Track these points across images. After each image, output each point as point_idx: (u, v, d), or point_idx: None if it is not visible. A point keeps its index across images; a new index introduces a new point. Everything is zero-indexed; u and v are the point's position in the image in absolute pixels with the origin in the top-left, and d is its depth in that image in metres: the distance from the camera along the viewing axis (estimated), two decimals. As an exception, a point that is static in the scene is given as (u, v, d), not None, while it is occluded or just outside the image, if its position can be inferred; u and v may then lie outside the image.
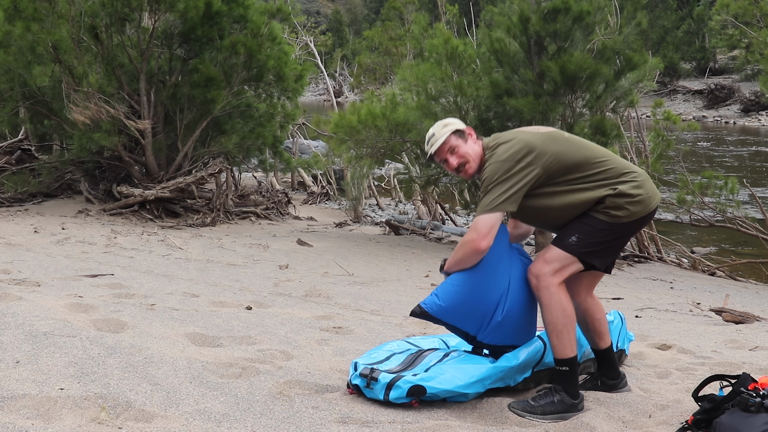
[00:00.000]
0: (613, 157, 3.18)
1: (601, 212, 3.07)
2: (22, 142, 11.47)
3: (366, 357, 3.26)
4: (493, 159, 3.07)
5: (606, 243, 3.12)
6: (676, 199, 10.27)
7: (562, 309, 3.06)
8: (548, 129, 3.24)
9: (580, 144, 3.18)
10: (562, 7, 9.01)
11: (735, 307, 6.33)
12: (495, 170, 3.03)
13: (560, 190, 3.09)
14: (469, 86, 9.44)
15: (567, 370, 3.10)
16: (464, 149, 3.18)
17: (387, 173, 17.12)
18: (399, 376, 2.99)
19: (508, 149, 3.06)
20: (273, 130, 11.34)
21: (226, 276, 6.46)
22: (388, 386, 2.96)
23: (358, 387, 3.06)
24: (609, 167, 3.11)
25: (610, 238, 3.11)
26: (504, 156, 3.04)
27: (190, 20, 10.10)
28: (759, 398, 2.65)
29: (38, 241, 7.67)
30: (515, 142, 3.08)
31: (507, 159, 3.03)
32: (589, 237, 3.08)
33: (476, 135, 3.25)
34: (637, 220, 3.11)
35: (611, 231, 3.09)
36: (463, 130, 3.22)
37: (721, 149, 25.90)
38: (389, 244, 9.86)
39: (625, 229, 3.12)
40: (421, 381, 2.97)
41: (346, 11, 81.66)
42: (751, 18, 11.47)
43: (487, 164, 3.08)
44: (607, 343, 3.37)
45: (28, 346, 3.28)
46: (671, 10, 50.56)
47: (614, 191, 3.06)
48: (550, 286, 3.06)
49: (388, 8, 31.28)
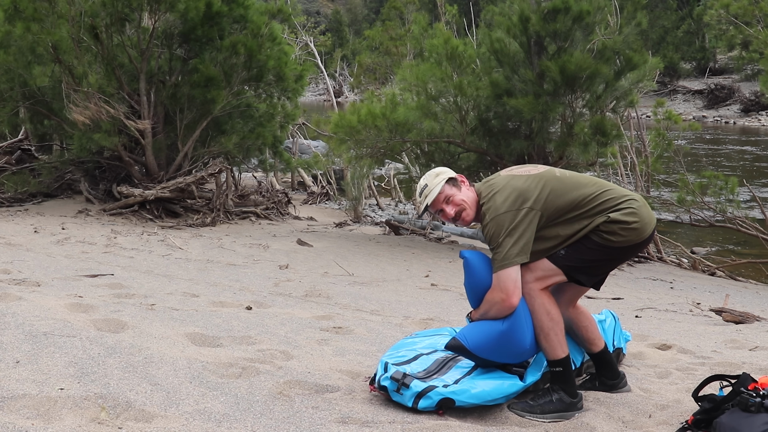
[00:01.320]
0: (610, 188, 3.15)
1: (595, 233, 3.06)
2: (22, 142, 11.48)
3: (393, 355, 3.23)
4: (492, 212, 3.04)
5: (594, 262, 3.11)
6: (676, 199, 10.27)
7: (547, 312, 3.07)
8: (539, 169, 3.20)
9: (573, 182, 3.14)
10: (562, 7, 9.01)
11: (735, 307, 6.33)
12: (499, 224, 3.01)
13: (556, 226, 3.08)
14: (469, 86, 9.44)
15: (561, 370, 3.11)
16: (459, 197, 3.16)
17: (387, 173, 17.12)
18: (431, 387, 2.97)
19: (504, 199, 3.03)
20: (273, 130, 11.34)
21: (226, 276, 6.46)
22: (419, 395, 2.96)
23: (385, 389, 3.02)
24: (604, 199, 3.09)
25: (599, 258, 3.10)
26: (503, 208, 3.02)
27: (190, 20, 10.10)
28: (759, 398, 2.65)
29: (38, 241, 7.67)
30: (510, 191, 3.05)
31: (507, 210, 3.01)
32: (578, 253, 3.08)
33: (468, 182, 3.23)
34: (630, 246, 3.09)
35: (602, 252, 3.08)
36: (455, 177, 3.21)
37: (721, 149, 25.89)
38: (389, 244, 9.86)
39: (616, 252, 3.11)
40: (451, 394, 2.96)
41: (346, 11, 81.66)
42: (750, 18, 11.47)
43: (487, 217, 3.05)
44: (600, 346, 3.38)
45: (28, 346, 3.28)
46: (671, 10, 50.55)
47: (608, 219, 3.04)
48: (531, 291, 3.07)
49: (389, 8, 31.30)
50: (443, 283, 7.07)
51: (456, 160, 10.20)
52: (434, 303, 5.94)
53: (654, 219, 3.17)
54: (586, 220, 3.07)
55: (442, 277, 7.44)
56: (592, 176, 3.31)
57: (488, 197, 3.10)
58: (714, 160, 21.77)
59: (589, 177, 3.25)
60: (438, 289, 6.76)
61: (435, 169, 3.28)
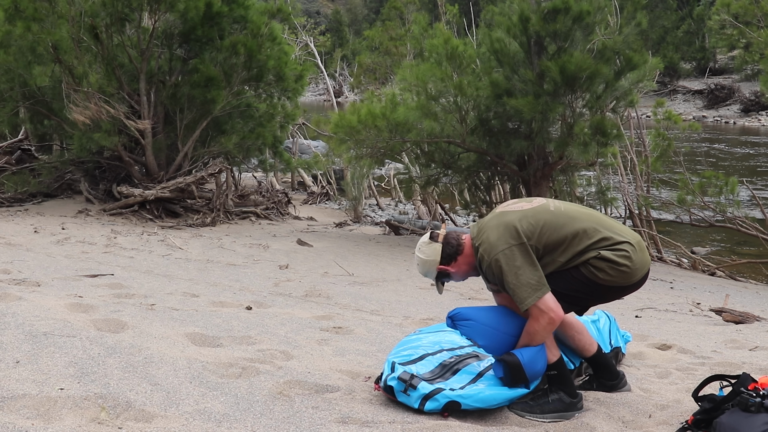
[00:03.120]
0: (607, 225, 3.08)
1: (584, 265, 3.01)
2: (22, 142, 11.48)
3: (399, 354, 3.21)
4: (489, 251, 2.99)
5: (576, 293, 3.05)
6: (676, 199, 10.28)
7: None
8: (532, 204, 3.14)
9: (568, 216, 3.07)
10: (562, 7, 9.01)
11: (735, 307, 6.33)
12: (506, 259, 2.95)
13: (551, 254, 3.03)
14: (469, 86, 9.44)
15: (556, 374, 3.11)
16: (455, 279, 3.23)
17: (387, 173, 17.12)
18: (438, 389, 2.96)
19: (499, 237, 2.99)
20: (273, 130, 11.35)
21: (226, 276, 6.46)
22: (426, 397, 2.95)
23: (391, 389, 3.01)
24: (599, 237, 3.01)
25: (581, 290, 3.04)
26: (501, 245, 2.96)
27: (190, 20, 10.11)
28: (759, 398, 2.65)
29: (38, 241, 7.67)
30: (504, 228, 3.01)
31: (508, 245, 2.96)
32: (562, 280, 3.03)
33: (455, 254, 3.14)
34: (615, 287, 3.04)
35: (585, 285, 3.03)
36: (441, 272, 3.18)
37: (721, 149, 25.89)
38: (389, 244, 9.85)
39: (599, 290, 3.04)
40: (458, 398, 2.96)
41: (346, 11, 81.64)
42: (751, 18, 11.46)
43: (486, 257, 3.00)
44: (592, 350, 3.36)
45: (28, 346, 3.28)
46: (671, 10, 50.57)
47: (598, 255, 2.99)
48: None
49: (389, 8, 31.29)
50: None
51: (456, 160, 10.20)
52: (434, 303, 5.94)
53: (647, 264, 3.09)
54: (579, 256, 3.01)
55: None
56: (588, 209, 3.23)
57: (481, 239, 3.05)
58: (714, 160, 21.76)
59: (586, 210, 3.17)
60: (438, 289, 6.75)
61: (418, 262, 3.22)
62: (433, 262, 3.18)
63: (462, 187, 12.17)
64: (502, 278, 2.97)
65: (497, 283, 3.05)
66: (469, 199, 11.83)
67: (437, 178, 10.69)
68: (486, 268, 3.03)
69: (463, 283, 7.12)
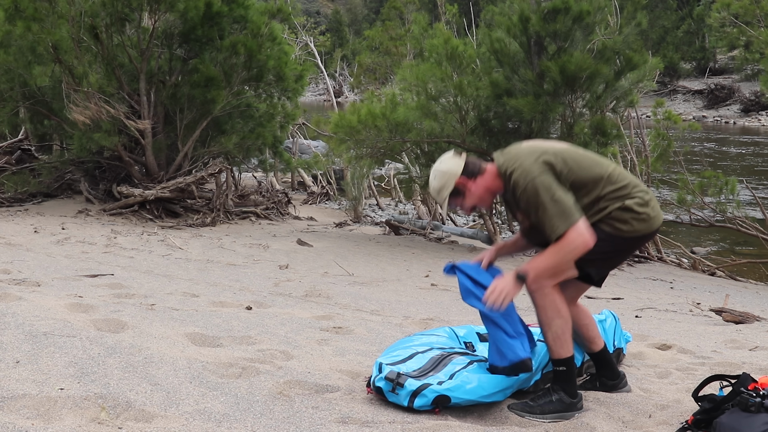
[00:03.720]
0: (626, 174, 3.17)
1: (605, 222, 3.05)
2: (22, 142, 11.48)
3: (388, 356, 3.21)
4: (525, 176, 2.97)
5: (604, 254, 3.09)
6: (676, 199, 10.27)
7: (557, 310, 3.05)
8: (560, 143, 3.21)
9: (594, 158, 3.15)
10: (562, 7, 9.01)
11: (735, 307, 6.33)
12: (544, 184, 2.95)
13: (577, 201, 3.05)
14: (469, 86, 9.44)
15: (564, 370, 3.10)
16: (467, 203, 3.15)
17: (387, 173, 17.12)
18: (425, 384, 2.96)
19: (534, 161, 2.99)
20: (273, 130, 11.34)
21: (226, 276, 6.46)
22: (414, 394, 2.94)
23: (380, 390, 3.01)
24: (623, 184, 3.07)
25: (609, 249, 3.08)
26: (536, 169, 2.96)
27: (190, 20, 10.11)
28: (759, 398, 2.65)
29: (38, 241, 7.67)
30: (539, 154, 3.03)
31: (541, 171, 2.97)
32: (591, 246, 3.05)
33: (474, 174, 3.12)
34: (637, 237, 3.08)
35: (612, 242, 3.06)
36: (458, 187, 3.11)
37: (721, 149, 25.89)
38: (389, 244, 9.86)
39: (625, 243, 3.09)
40: (446, 391, 2.95)
41: (346, 11, 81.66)
42: (751, 17, 11.46)
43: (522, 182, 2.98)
44: (599, 346, 3.37)
45: (28, 346, 3.28)
46: (671, 10, 50.56)
47: (621, 205, 3.04)
48: (544, 288, 3.04)
49: (389, 8, 31.31)
50: (443, 283, 7.07)
51: (456, 160, 10.19)
52: (434, 303, 5.94)
53: (661, 214, 3.18)
54: (603, 202, 3.05)
55: (442, 277, 7.44)
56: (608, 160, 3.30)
57: (513, 165, 3.04)
58: (714, 160, 21.76)
59: (605, 159, 3.23)
60: (438, 289, 6.76)
61: (435, 173, 3.15)
62: (454, 174, 3.10)
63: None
64: (537, 203, 2.95)
65: (527, 210, 3.02)
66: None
67: (437, 178, 10.67)
68: (521, 193, 2.99)
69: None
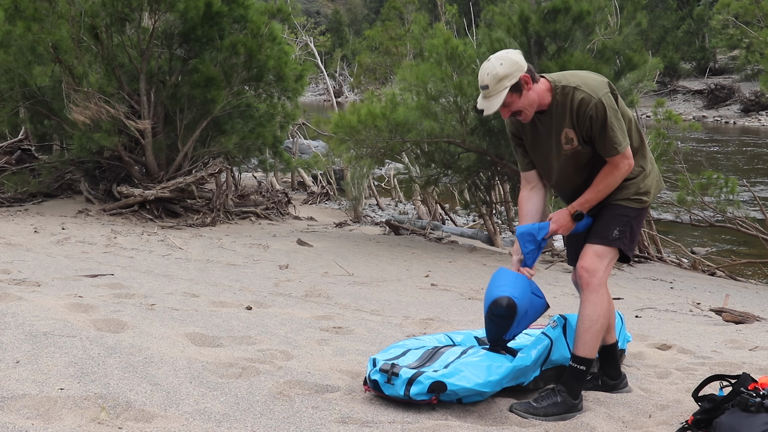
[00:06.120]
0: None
1: (632, 200, 3.13)
2: (22, 142, 11.47)
3: (382, 353, 3.24)
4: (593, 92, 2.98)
5: (636, 231, 3.19)
6: (676, 199, 10.27)
7: (607, 309, 3.09)
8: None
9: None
10: (562, 7, 9.01)
11: (735, 307, 6.32)
12: (609, 103, 2.99)
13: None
14: (469, 86, 9.43)
15: (583, 370, 3.10)
16: (519, 104, 3.03)
17: (387, 173, 17.13)
18: (420, 371, 2.96)
19: (599, 84, 3.03)
20: (273, 130, 11.34)
21: (226, 276, 6.46)
22: (409, 381, 2.93)
23: (376, 383, 3.01)
24: (646, 148, 3.22)
25: (636, 225, 3.19)
26: (602, 90, 3.00)
27: (190, 20, 10.10)
28: (759, 398, 2.65)
29: (38, 241, 7.67)
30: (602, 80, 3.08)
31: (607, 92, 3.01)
32: (628, 228, 3.14)
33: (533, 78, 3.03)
34: (647, 207, 3.22)
35: (639, 218, 3.17)
36: (519, 82, 2.99)
37: (721, 149, 25.89)
38: (389, 244, 9.85)
39: (644, 215, 3.22)
40: (442, 377, 2.94)
41: (346, 11, 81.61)
42: (751, 18, 11.46)
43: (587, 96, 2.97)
44: (612, 339, 3.38)
45: (28, 346, 3.28)
46: (671, 10, 50.54)
47: (643, 170, 3.15)
48: (602, 284, 3.08)
49: (388, 8, 31.31)
50: (443, 283, 7.07)
51: (456, 160, 10.20)
52: (434, 303, 5.94)
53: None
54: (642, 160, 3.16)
55: (442, 277, 7.44)
56: None
57: (576, 83, 3.02)
58: (714, 160, 21.76)
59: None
60: (438, 289, 6.76)
61: (502, 59, 3.00)
62: (522, 68, 3.00)
63: (462, 187, 12.16)
64: (604, 119, 2.97)
65: (588, 128, 3.01)
66: (469, 199, 11.83)
67: (437, 178, 10.69)
68: (587, 110, 2.98)
69: (463, 283, 7.13)
